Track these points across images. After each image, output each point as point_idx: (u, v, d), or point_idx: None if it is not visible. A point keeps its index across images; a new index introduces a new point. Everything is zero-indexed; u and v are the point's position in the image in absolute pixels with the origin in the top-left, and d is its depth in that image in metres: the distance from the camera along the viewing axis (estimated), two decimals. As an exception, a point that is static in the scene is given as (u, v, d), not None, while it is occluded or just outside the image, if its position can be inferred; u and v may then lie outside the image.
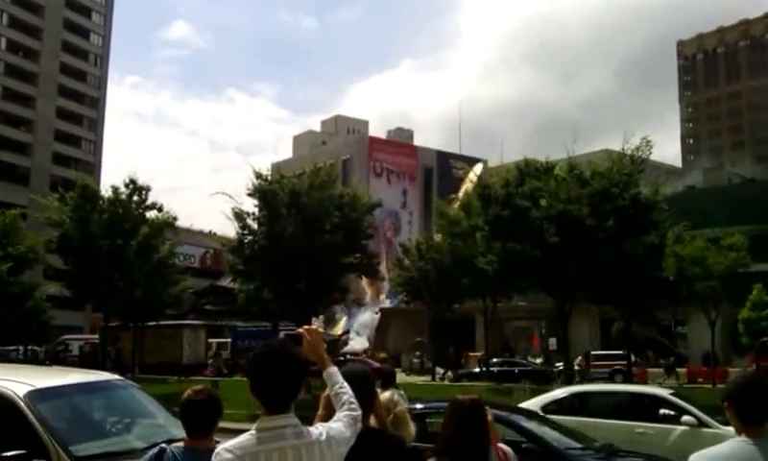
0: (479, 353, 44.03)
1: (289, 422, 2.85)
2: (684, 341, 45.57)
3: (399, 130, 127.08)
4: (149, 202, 38.63)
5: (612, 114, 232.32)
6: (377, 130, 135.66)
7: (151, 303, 39.78)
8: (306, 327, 3.36)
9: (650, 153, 27.46)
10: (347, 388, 3.19)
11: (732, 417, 3.11)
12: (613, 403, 12.81)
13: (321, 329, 3.38)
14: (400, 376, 35.77)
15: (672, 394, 12.97)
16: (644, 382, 35.91)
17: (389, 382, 10.63)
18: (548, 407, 12.11)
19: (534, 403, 12.70)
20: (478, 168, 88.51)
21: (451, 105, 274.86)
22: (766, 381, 3.20)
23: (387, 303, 66.31)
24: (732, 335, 47.11)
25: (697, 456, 3.09)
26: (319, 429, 2.94)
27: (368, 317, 66.29)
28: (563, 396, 13.41)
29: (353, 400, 3.15)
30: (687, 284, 31.75)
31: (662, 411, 11.51)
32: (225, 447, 2.81)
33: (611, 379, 36.15)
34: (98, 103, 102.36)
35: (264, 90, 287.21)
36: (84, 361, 43.42)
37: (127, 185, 38.05)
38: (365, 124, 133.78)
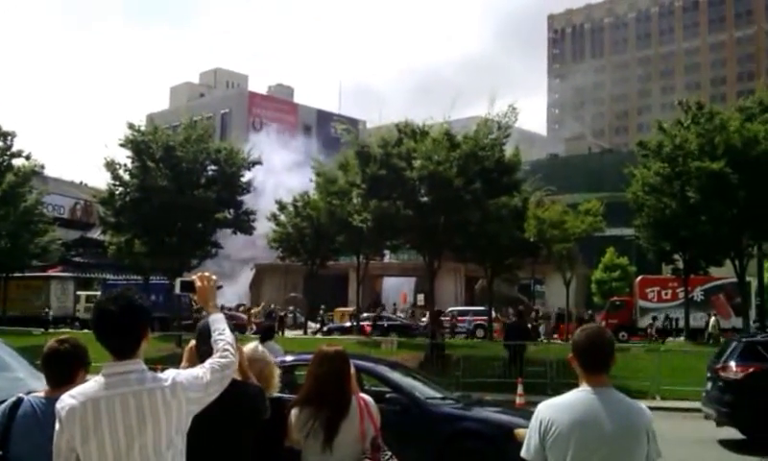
0: (350, 309, 45.41)
1: (134, 368, 2.84)
2: (541, 299, 48.65)
3: (280, 86, 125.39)
4: (15, 149, 37.15)
5: (490, 76, 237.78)
6: (257, 85, 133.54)
7: (16, 253, 38.25)
8: (200, 274, 3.48)
9: (515, 119, 28.93)
10: (225, 335, 3.19)
11: (577, 367, 3.33)
12: None
13: (214, 278, 3.50)
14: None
15: None
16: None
17: (267, 336, 11.27)
18: None
19: None
20: None
21: (332, 63, 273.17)
22: (605, 334, 3.46)
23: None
24: (585, 294, 50.81)
25: (544, 405, 3.33)
26: (166, 375, 2.90)
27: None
28: None
29: (229, 347, 3.14)
30: (547, 245, 33.92)
31: None
32: (69, 393, 2.82)
33: (473, 334, 38.37)
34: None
35: (139, 37, 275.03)
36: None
37: (-10, 131, 36.44)
38: (245, 78, 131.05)
